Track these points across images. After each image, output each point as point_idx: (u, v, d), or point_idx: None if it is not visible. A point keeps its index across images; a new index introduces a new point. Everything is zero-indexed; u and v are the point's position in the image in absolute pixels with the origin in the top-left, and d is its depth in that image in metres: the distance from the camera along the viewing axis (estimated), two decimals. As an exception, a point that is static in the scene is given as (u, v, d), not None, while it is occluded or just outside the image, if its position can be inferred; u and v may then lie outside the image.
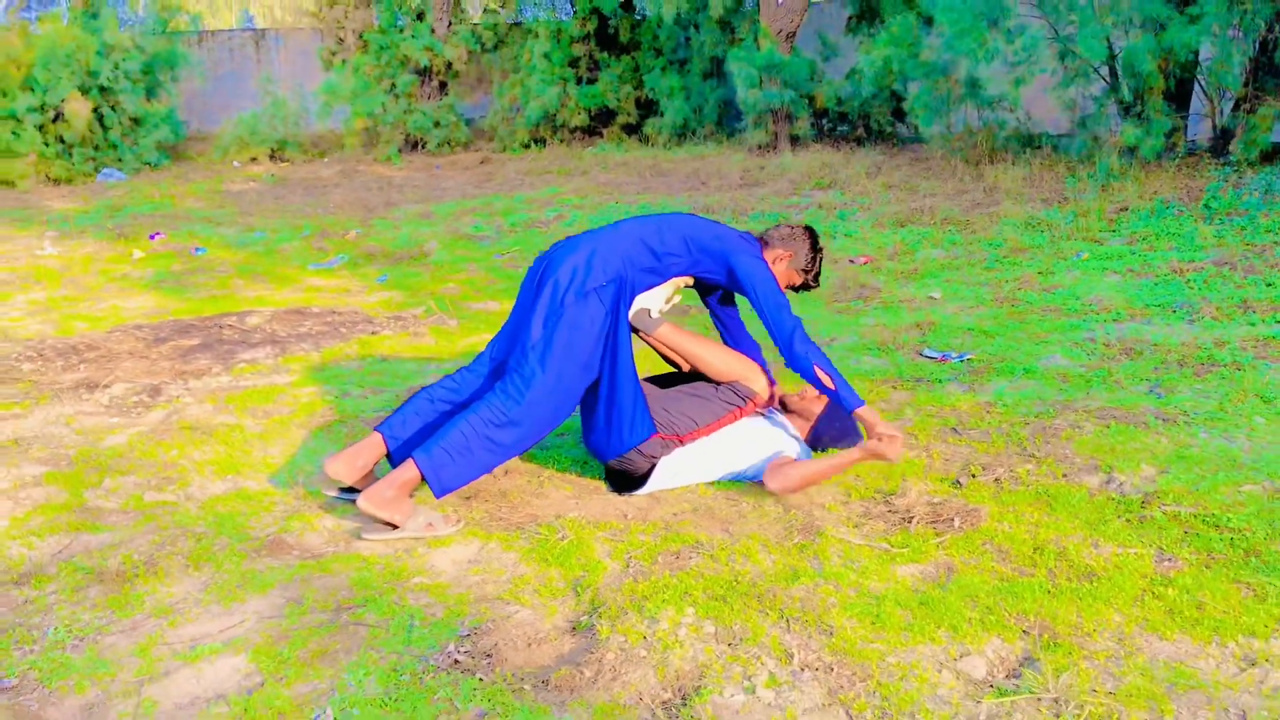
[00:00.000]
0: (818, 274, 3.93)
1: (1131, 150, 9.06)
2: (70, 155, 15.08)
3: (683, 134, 14.81)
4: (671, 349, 3.79)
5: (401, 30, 16.45)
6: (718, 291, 4.03)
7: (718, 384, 3.78)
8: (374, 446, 3.55)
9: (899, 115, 12.42)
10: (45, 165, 14.74)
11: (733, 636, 2.70)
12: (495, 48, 16.77)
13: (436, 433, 3.42)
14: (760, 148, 12.95)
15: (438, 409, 3.59)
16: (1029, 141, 10.61)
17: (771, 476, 3.56)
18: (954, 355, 5.19)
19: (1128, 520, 3.32)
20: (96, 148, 15.45)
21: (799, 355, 3.51)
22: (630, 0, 15.54)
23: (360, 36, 16.61)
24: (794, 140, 12.98)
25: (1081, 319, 5.74)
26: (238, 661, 2.66)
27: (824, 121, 13.44)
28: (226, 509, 3.64)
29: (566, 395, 3.51)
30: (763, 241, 3.85)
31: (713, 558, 3.16)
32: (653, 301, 3.74)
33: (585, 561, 3.16)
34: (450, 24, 16.49)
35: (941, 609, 2.81)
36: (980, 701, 2.41)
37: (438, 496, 3.37)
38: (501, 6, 16.76)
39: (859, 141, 12.92)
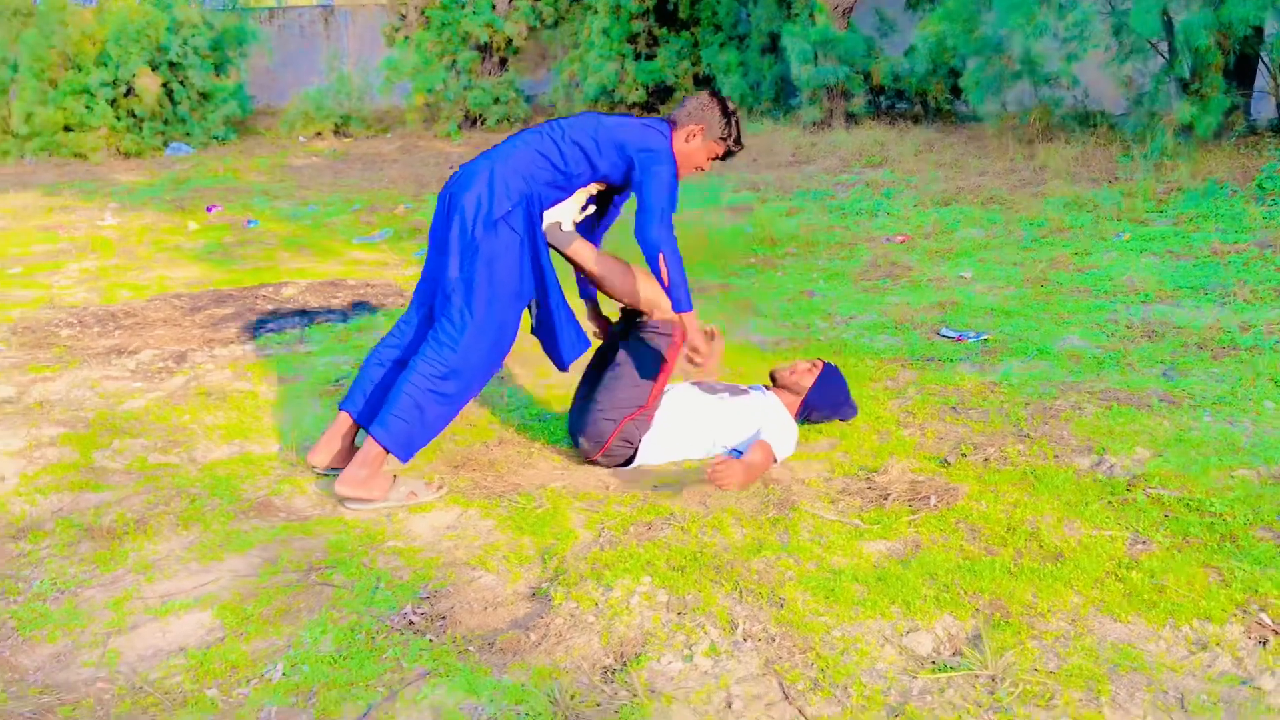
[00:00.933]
0: (738, 137, 3.69)
1: (1187, 129, 8.82)
2: (140, 129, 15.45)
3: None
4: (582, 267, 3.69)
5: (463, 6, 16.55)
6: (624, 194, 3.84)
7: (640, 333, 3.70)
8: (342, 424, 3.62)
9: (956, 92, 12.21)
10: (116, 139, 15.13)
11: (683, 606, 2.73)
12: (555, 24, 16.81)
13: (386, 399, 3.45)
14: (814, 124, 12.83)
15: (386, 369, 3.60)
16: (1085, 119, 10.39)
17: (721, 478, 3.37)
18: (970, 335, 5.13)
19: (1109, 502, 3.28)
20: (166, 122, 15.80)
21: (653, 238, 3.39)
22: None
23: (422, 13, 16.74)
24: (849, 117, 12.85)
25: (1109, 300, 5.64)
26: (203, 617, 2.75)
27: (881, 99, 13.26)
28: (225, 472, 3.75)
29: (501, 328, 3.47)
30: (671, 123, 3.63)
31: (683, 529, 3.19)
32: (564, 214, 3.61)
33: (558, 530, 3.21)
34: (511, 1, 16.55)
35: (898, 585, 2.81)
36: (916, 676, 2.42)
37: (403, 461, 3.42)
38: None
39: (915, 119, 12.74)
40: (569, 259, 3.67)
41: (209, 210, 10.40)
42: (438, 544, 3.16)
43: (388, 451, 3.37)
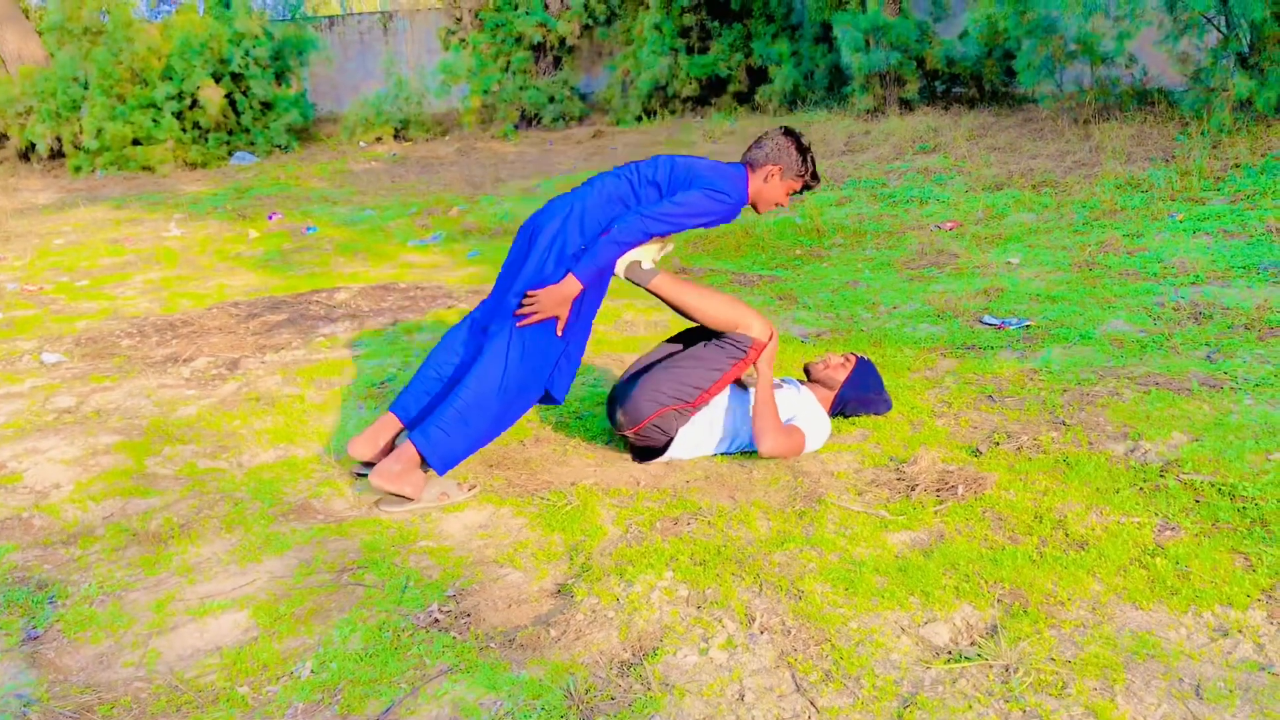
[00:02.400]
0: (814, 173, 3.77)
1: (1246, 104, 8.62)
2: (205, 140, 15.83)
3: (794, 101, 14.68)
4: (666, 299, 3.75)
5: (516, 7, 16.69)
6: None
7: (718, 339, 3.75)
8: (390, 425, 3.71)
9: (1011, 75, 12.05)
10: (182, 150, 15.51)
11: (702, 600, 2.77)
12: (608, 21, 16.88)
13: (434, 409, 3.55)
14: (868, 112, 12.75)
15: (442, 379, 3.71)
16: (1143, 98, 10.20)
17: (760, 441, 3.60)
18: (1013, 322, 5.09)
19: (1140, 489, 3.25)
20: (230, 132, 16.17)
21: (629, 221, 3.45)
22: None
23: (476, 15, 16.91)
24: (904, 103, 12.74)
25: (1157, 282, 5.56)
26: (240, 617, 2.85)
27: (935, 84, 13.14)
28: (270, 475, 3.86)
29: (547, 355, 3.58)
30: (749, 165, 3.72)
31: (710, 524, 3.22)
32: (645, 253, 3.70)
33: (587, 527, 3.26)
34: (564, 1, 16.65)
35: (918, 576, 2.82)
36: (930, 666, 2.43)
37: (440, 473, 3.51)
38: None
39: (970, 103, 12.60)
40: (652, 293, 3.75)
41: (270, 218, 10.63)
42: (469, 543, 3.23)
43: (424, 459, 3.46)
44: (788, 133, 3.74)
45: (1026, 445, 3.66)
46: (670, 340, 4.00)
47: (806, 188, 3.80)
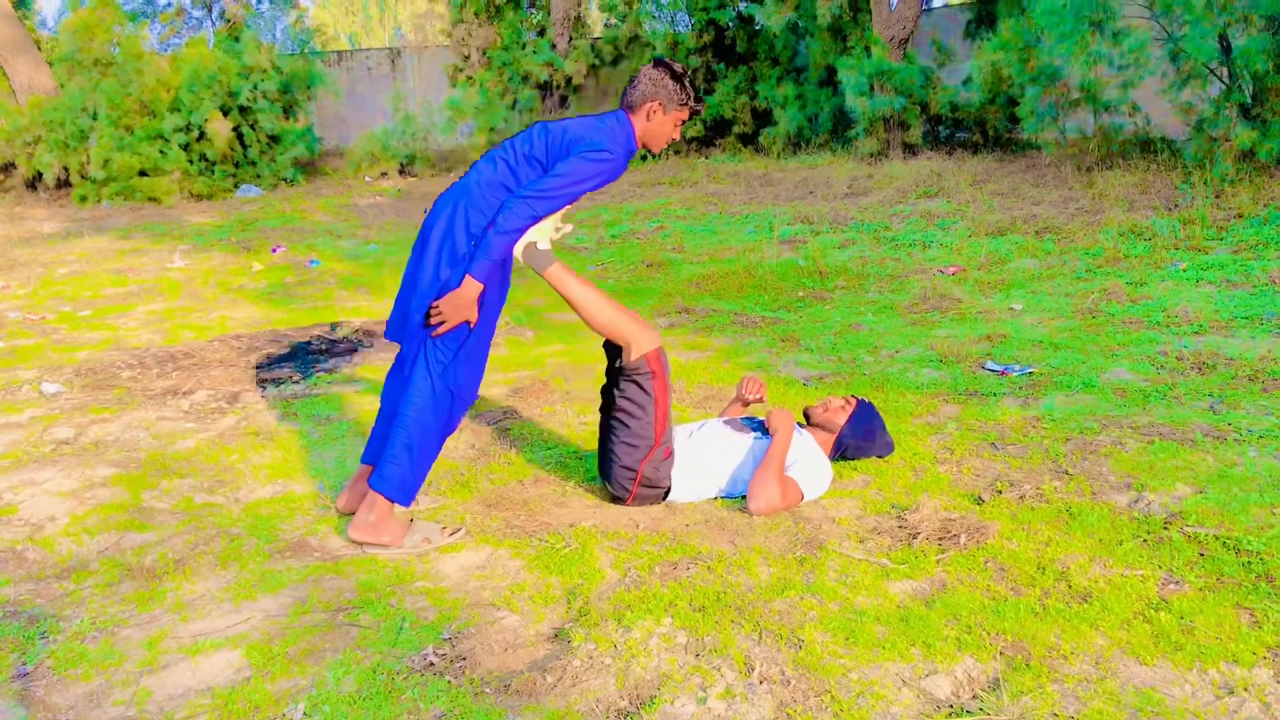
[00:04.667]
0: (697, 96, 3.58)
1: (1249, 154, 8.66)
2: (212, 172, 15.89)
3: (797, 143, 14.76)
4: (559, 290, 3.66)
5: (523, 46, 16.82)
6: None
7: (624, 377, 3.66)
8: (365, 474, 3.68)
9: (1015, 121, 12.11)
10: (189, 182, 15.57)
11: (701, 647, 2.73)
12: (614, 61, 17.01)
13: (383, 448, 3.51)
14: (872, 156, 12.80)
15: (388, 415, 3.66)
16: (1146, 146, 10.25)
17: (753, 499, 3.58)
18: (1016, 369, 5.08)
19: (1144, 541, 3.23)
20: (237, 165, 16.24)
21: (512, 207, 3.31)
22: (746, 12, 15.56)
23: (484, 53, 17.03)
24: (908, 148, 12.80)
25: (1160, 331, 5.55)
26: (233, 656, 2.81)
27: (939, 129, 13.21)
28: (267, 511, 3.83)
29: (472, 358, 3.51)
30: (628, 108, 3.52)
31: (709, 569, 3.19)
32: (539, 233, 3.56)
33: (585, 570, 3.23)
34: (570, 39, 16.79)
35: (920, 626, 2.79)
36: (931, 720, 2.40)
37: (405, 505, 3.48)
38: (621, 21, 16.95)
39: (974, 149, 12.66)
40: (547, 281, 3.64)
41: (274, 251, 10.65)
42: (466, 584, 3.20)
43: (390, 499, 3.43)
44: (658, 63, 3.56)
45: (1029, 494, 3.63)
46: (602, 393, 3.91)
47: (694, 114, 3.65)
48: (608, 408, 3.74)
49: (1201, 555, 3.11)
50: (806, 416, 4.01)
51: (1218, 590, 2.91)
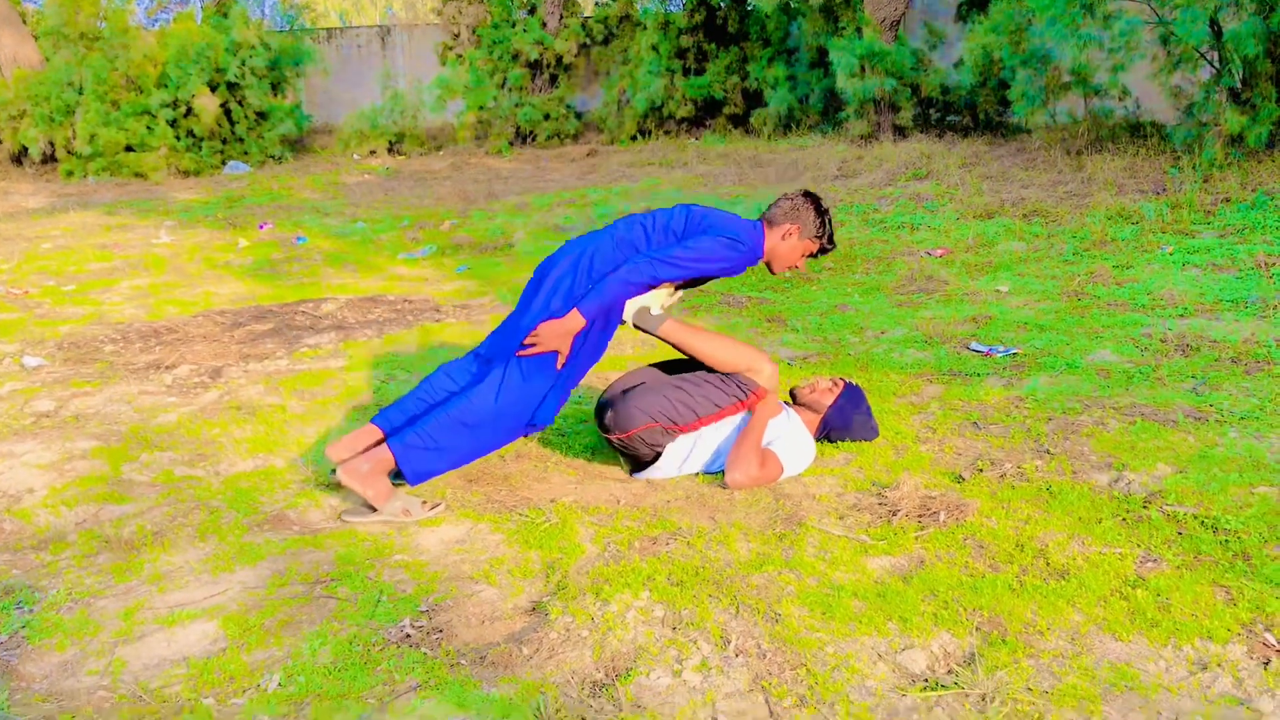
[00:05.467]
0: (830, 235, 3.79)
1: (1238, 139, 8.66)
2: (199, 149, 15.80)
3: (788, 124, 14.72)
4: (677, 345, 3.78)
5: (514, 25, 16.73)
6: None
7: (726, 376, 3.77)
8: (370, 434, 3.66)
9: (1006, 104, 12.09)
10: (175, 158, 15.48)
11: (678, 620, 2.73)
12: (605, 41, 16.93)
13: (416, 421, 3.51)
14: (862, 138, 12.78)
15: (430, 402, 3.66)
16: (1136, 130, 10.24)
17: (731, 470, 3.62)
18: (1000, 350, 5.08)
19: (1123, 519, 3.23)
20: (224, 141, 16.15)
21: (640, 264, 3.48)
22: (739, -9, 15.51)
23: (474, 31, 16.95)
24: (898, 130, 12.78)
25: (1145, 314, 5.55)
26: (209, 627, 2.80)
27: (931, 111, 13.18)
28: (248, 485, 3.81)
29: (537, 392, 3.56)
30: (767, 222, 3.74)
31: (689, 544, 3.19)
32: (653, 300, 3.71)
33: (565, 544, 3.23)
34: (561, 18, 16.71)
35: (897, 601, 2.79)
36: (905, 694, 2.40)
37: (411, 484, 3.48)
38: (613, 0, 16.87)
39: (964, 132, 12.64)
40: (663, 339, 3.75)
41: (260, 228, 10.60)
42: (444, 558, 3.19)
43: (398, 466, 3.42)
44: (808, 195, 3.75)
45: (1010, 473, 3.64)
46: (658, 365, 3.98)
47: (822, 251, 3.80)
48: (671, 369, 3.86)
49: (1180, 534, 3.12)
50: (793, 396, 4.00)
51: (1195, 568, 2.91)
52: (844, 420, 3.92)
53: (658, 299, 3.72)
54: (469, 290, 7.30)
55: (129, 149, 15.34)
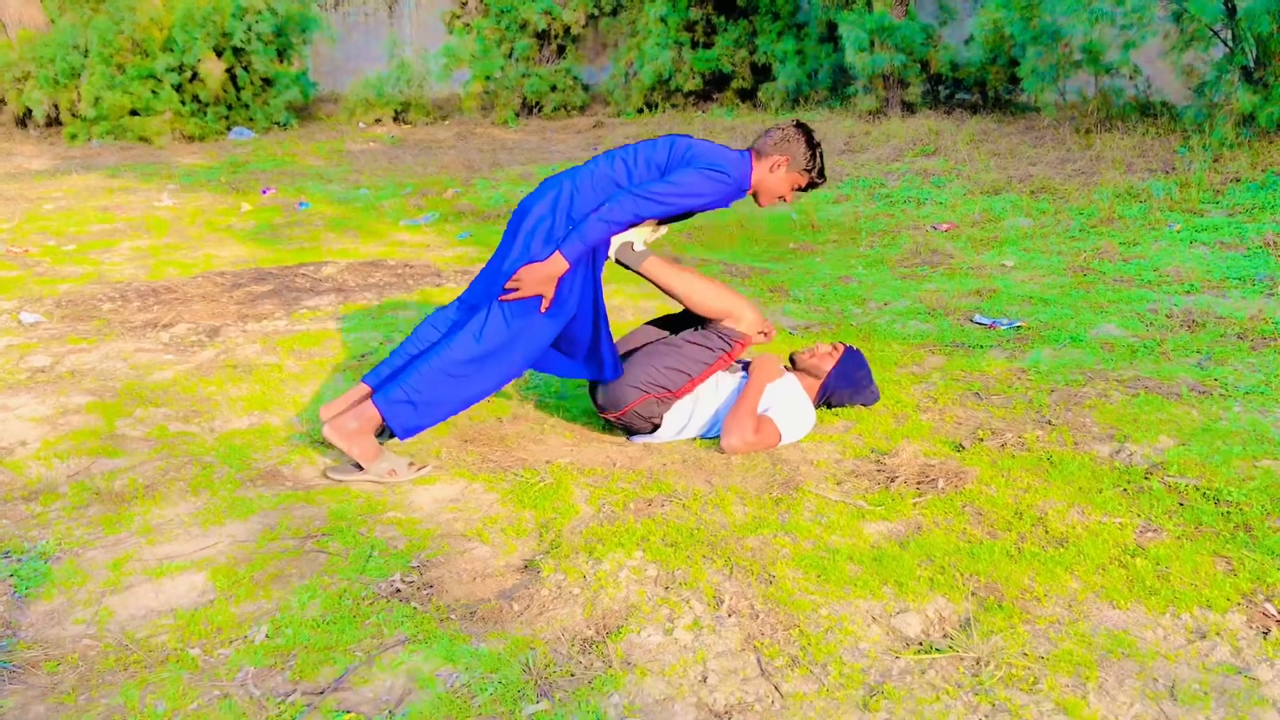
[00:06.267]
0: (821, 170, 3.62)
1: (1249, 119, 8.58)
2: (204, 114, 15.70)
3: (796, 99, 14.61)
4: (657, 283, 3.69)
5: (522, -9, 16.62)
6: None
7: (705, 329, 3.70)
8: (360, 391, 3.61)
9: (1016, 81, 11.99)
10: (180, 123, 15.38)
11: (671, 580, 2.70)
12: (614, 12, 16.80)
13: (400, 373, 3.46)
14: (870, 113, 12.69)
15: (415, 353, 3.60)
16: (1146, 109, 10.15)
17: (726, 435, 3.59)
18: (1004, 322, 5.03)
19: (1124, 490, 3.20)
20: (229, 107, 16.05)
21: (619, 199, 3.36)
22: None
23: (482, 0, 16.82)
24: (906, 106, 12.68)
25: (1151, 290, 5.50)
26: (197, 579, 2.78)
27: (940, 88, 13.08)
28: (241, 441, 3.78)
29: (531, 341, 3.47)
30: (756, 153, 3.58)
31: (684, 506, 3.16)
32: (637, 235, 3.63)
33: (560, 505, 3.20)
34: (571, -13, 16.58)
35: (893, 566, 2.76)
36: (899, 656, 2.37)
37: (400, 439, 3.43)
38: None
39: (973, 109, 12.54)
40: (643, 275, 3.67)
41: (263, 192, 10.53)
42: (437, 515, 3.16)
43: (384, 420, 3.37)
44: (800, 126, 3.61)
45: (1011, 443, 3.60)
46: (652, 324, 3.94)
47: (812, 185, 3.65)
48: (650, 335, 3.78)
49: (1181, 505, 3.08)
50: (792, 361, 3.96)
51: (1195, 538, 2.88)
52: (844, 384, 3.88)
53: (641, 234, 3.63)
54: (471, 257, 7.25)
55: (134, 113, 15.25)
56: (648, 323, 3.96)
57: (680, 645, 2.42)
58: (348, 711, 2.21)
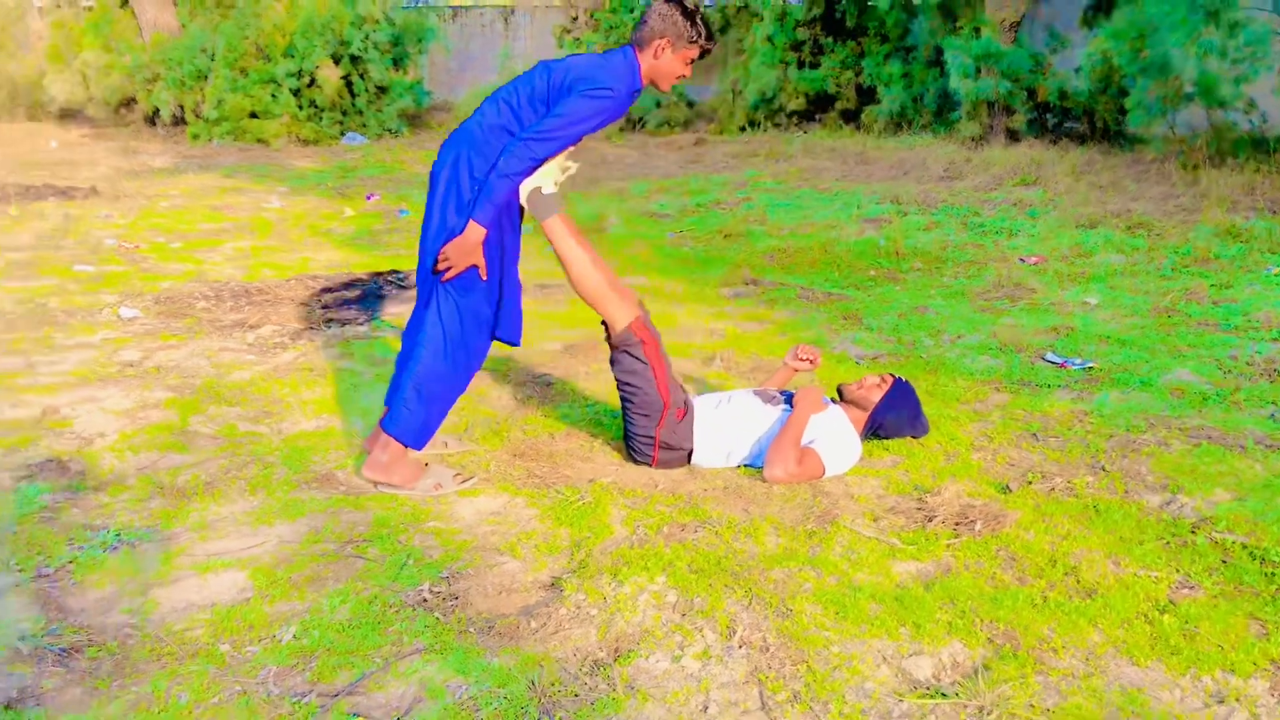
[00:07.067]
0: (709, 34, 3.47)
1: (1367, 160, 8.26)
2: (319, 118, 16.19)
3: (900, 123, 14.48)
4: (553, 244, 3.64)
5: (631, 10, 16.77)
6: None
7: (615, 352, 3.68)
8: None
9: (1125, 113, 11.69)
10: (296, 127, 15.89)
11: (689, 607, 2.74)
12: (722, 30, 16.84)
13: (396, 390, 3.56)
14: (973, 140, 12.51)
15: (402, 365, 3.70)
16: (1259, 146, 9.83)
17: (769, 466, 3.61)
18: (1076, 362, 4.95)
19: (1167, 543, 3.14)
20: (344, 113, 16.52)
21: (514, 150, 3.31)
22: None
23: (591, 15, 17.05)
24: (1010, 134, 12.47)
25: (1236, 335, 5.35)
26: (239, 577, 2.91)
27: (1048, 116, 12.82)
28: (305, 444, 3.93)
29: (479, 306, 3.52)
30: (636, 46, 3.46)
31: (716, 534, 3.19)
32: (545, 177, 3.52)
33: (595, 524, 3.26)
34: (680, 5, 16.68)
35: (914, 607, 2.76)
36: (903, 699, 2.37)
37: (418, 449, 3.54)
38: (732, -13, 16.77)
39: (1081, 139, 12.27)
40: (544, 232, 3.61)
41: (368, 198, 10.84)
42: (476, 527, 3.25)
43: (400, 442, 3.48)
44: (667, 1, 3.44)
45: (1059, 487, 3.55)
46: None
47: (704, 52, 3.52)
48: (617, 382, 3.77)
49: (1224, 562, 3.02)
50: (840, 393, 3.97)
51: (1233, 598, 2.82)
52: (893, 416, 3.87)
53: (549, 174, 3.53)
54: (553, 270, 7.36)
55: (253, 115, 15.80)
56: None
57: (686, 673, 2.46)
58: (358, 715, 2.30)
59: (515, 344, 3.72)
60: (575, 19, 17.36)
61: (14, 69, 17.76)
